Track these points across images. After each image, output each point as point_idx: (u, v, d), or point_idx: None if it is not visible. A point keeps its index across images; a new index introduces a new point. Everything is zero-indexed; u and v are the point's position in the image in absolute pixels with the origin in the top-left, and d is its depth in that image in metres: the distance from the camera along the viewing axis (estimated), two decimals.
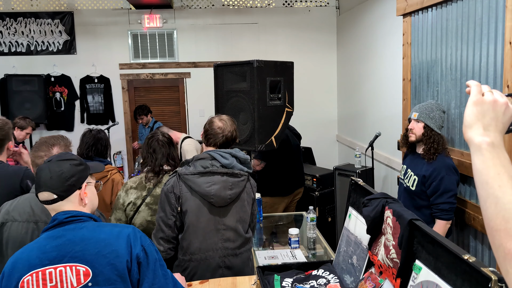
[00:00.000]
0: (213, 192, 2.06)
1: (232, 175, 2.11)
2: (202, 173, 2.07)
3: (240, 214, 2.16)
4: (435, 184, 2.43)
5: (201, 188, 2.05)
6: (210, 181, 2.06)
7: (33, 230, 1.80)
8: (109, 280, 1.36)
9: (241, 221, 2.16)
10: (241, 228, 2.16)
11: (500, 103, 0.83)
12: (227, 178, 2.09)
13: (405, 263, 1.32)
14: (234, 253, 2.14)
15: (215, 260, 2.10)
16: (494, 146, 0.79)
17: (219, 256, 2.11)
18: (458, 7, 2.57)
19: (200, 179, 2.07)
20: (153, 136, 2.42)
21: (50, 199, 1.43)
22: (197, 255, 2.08)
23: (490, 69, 2.32)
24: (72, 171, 1.47)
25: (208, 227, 2.09)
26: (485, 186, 0.77)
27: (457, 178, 2.44)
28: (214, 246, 2.10)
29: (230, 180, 2.10)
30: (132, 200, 2.31)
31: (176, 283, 1.53)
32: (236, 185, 2.11)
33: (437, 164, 2.44)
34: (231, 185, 2.10)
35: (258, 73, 2.92)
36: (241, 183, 2.14)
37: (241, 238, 2.16)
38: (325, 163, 5.26)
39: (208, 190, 2.05)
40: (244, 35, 5.86)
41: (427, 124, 2.49)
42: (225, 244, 2.12)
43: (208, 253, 2.09)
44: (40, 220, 1.81)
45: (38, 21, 5.63)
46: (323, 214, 4.34)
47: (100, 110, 5.87)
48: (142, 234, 1.48)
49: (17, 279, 1.34)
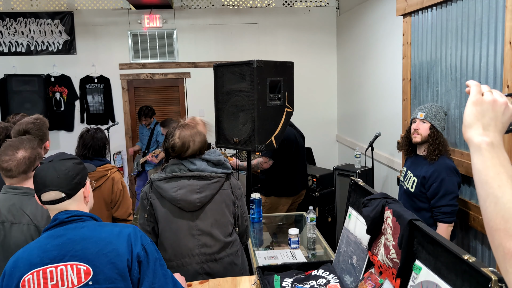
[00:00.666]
0: (178, 197, 2.02)
1: (200, 178, 2.05)
2: (168, 178, 2.05)
3: (216, 217, 2.10)
4: (435, 186, 2.40)
5: (168, 194, 2.03)
6: (176, 186, 2.03)
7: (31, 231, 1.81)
8: (110, 279, 1.36)
9: (217, 225, 2.10)
10: (218, 232, 2.09)
11: (499, 103, 0.83)
12: (194, 181, 2.04)
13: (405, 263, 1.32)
14: (213, 258, 2.09)
15: (193, 266, 2.06)
16: (494, 146, 0.79)
17: (196, 262, 2.06)
18: (458, 7, 2.57)
19: (167, 184, 2.04)
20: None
21: (57, 198, 1.43)
22: (173, 261, 2.05)
23: (490, 69, 2.32)
24: (77, 170, 1.49)
25: (181, 233, 2.06)
26: (485, 185, 0.77)
27: (458, 179, 2.41)
28: (190, 252, 2.06)
29: (198, 183, 2.05)
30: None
31: (176, 283, 1.53)
32: (205, 188, 2.06)
33: (437, 165, 2.41)
34: (199, 189, 2.05)
35: (258, 73, 2.92)
36: (213, 185, 2.07)
37: (219, 243, 2.09)
38: (325, 163, 5.26)
39: (174, 195, 2.02)
40: (244, 35, 5.86)
41: (433, 125, 2.47)
42: (202, 249, 2.07)
43: (184, 260, 2.06)
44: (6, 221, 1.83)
45: (38, 21, 5.63)
46: (323, 214, 4.34)
47: (100, 110, 5.87)
48: (143, 234, 1.49)
49: (18, 278, 1.35)
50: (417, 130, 2.52)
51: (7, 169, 1.84)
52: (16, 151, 1.88)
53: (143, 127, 5.46)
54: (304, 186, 3.97)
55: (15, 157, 1.86)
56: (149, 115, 5.36)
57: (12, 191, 1.87)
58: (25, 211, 1.83)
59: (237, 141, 3.12)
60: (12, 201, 1.85)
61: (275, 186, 3.72)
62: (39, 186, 1.44)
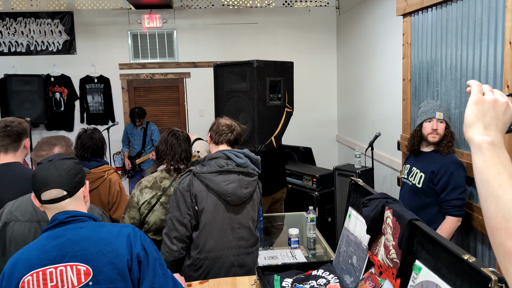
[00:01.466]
0: (230, 191, 2.09)
1: (247, 174, 2.15)
2: (219, 172, 2.10)
3: (251, 213, 2.20)
4: (445, 180, 2.43)
5: (219, 187, 2.08)
6: (227, 180, 2.10)
7: (36, 229, 1.81)
8: (110, 279, 1.36)
9: (252, 220, 2.20)
10: (253, 227, 2.21)
11: (500, 102, 0.83)
12: (242, 177, 2.13)
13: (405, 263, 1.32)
14: (247, 251, 2.18)
15: (229, 258, 2.13)
16: (495, 145, 0.79)
17: (233, 255, 2.14)
18: (458, 7, 2.57)
19: (218, 177, 2.09)
20: (172, 132, 2.41)
21: (59, 196, 1.42)
22: (212, 253, 2.11)
23: (490, 69, 2.32)
24: (77, 169, 1.50)
25: (224, 226, 2.12)
26: (486, 185, 0.77)
27: (465, 174, 2.45)
28: (229, 244, 2.13)
29: (246, 179, 2.14)
30: (147, 199, 2.32)
31: (176, 282, 1.53)
32: (250, 184, 2.16)
33: (445, 160, 2.45)
34: (246, 184, 2.14)
35: (258, 73, 2.92)
36: (253, 182, 2.18)
37: (254, 237, 2.20)
38: (325, 163, 5.26)
39: (225, 189, 2.08)
40: (244, 35, 5.86)
41: (448, 124, 2.53)
42: (239, 242, 2.15)
43: (223, 251, 2.12)
44: (42, 220, 1.82)
45: (38, 21, 5.63)
46: (323, 214, 4.34)
47: (100, 110, 5.87)
48: (142, 234, 1.49)
49: (18, 279, 1.34)
50: (436, 130, 2.51)
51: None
52: (53, 147, 1.92)
53: (134, 128, 5.44)
54: (282, 185, 3.88)
55: (52, 153, 1.88)
56: (142, 116, 5.36)
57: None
58: None
59: None
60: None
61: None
62: (39, 185, 1.43)
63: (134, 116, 5.35)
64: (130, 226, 1.49)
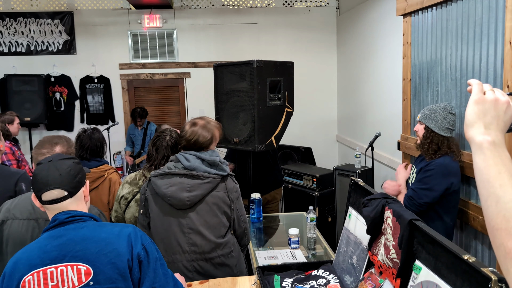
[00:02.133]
0: (169, 194, 2.04)
1: (192, 176, 2.06)
2: (162, 175, 2.08)
3: (207, 218, 2.09)
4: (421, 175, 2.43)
5: (160, 190, 2.06)
6: (168, 183, 2.06)
7: (34, 228, 1.81)
8: (110, 279, 1.36)
9: (208, 226, 2.09)
10: (208, 232, 2.09)
11: (501, 101, 0.83)
12: (185, 179, 2.06)
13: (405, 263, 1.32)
14: (204, 257, 2.09)
15: (183, 263, 2.07)
16: (495, 145, 0.79)
17: (187, 260, 2.07)
18: (458, 7, 2.57)
19: (160, 180, 2.07)
20: (160, 135, 2.39)
21: (60, 197, 1.42)
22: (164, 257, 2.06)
23: (490, 69, 2.32)
24: (77, 169, 1.49)
25: (171, 229, 2.07)
26: (486, 185, 0.77)
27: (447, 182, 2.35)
28: (181, 249, 2.07)
29: (189, 182, 2.05)
30: (124, 195, 2.34)
31: (176, 282, 1.53)
32: (196, 187, 2.05)
33: (436, 160, 2.41)
34: (189, 187, 2.05)
35: (258, 73, 2.92)
36: (204, 185, 2.06)
37: (210, 243, 2.08)
38: (325, 163, 5.26)
39: (165, 192, 2.05)
40: (244, 35, 5.86)
41: (427, 126, 2.48)
42: (192, 247, 2.08)
43: (175, 256, 2.07)
44: (40, 218, 1.82)
45: (38, 21, 5.63)
46: (323, 214, 4.34)
47: (100, 110, 5.87)
48: (143, 233, 1.49)
49: (18, 279, 1.34)
50: (416, 132, 2.54)
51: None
52: (54, 146, 1.91)
53: (135, 128, 5.45)
54: (276, 185, 3.80)
55: (53, 151, 1.88)
56: (144, 116, 5.38)
57: None
58: None
59: (237, 141, 3.12)
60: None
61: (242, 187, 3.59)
62: (40, 185, 1.42)
63: (135, 116, 5.36)
64: (131, 226, 1.49)
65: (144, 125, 5.43)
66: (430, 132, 2.45)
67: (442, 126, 2.43)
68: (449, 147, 2.42)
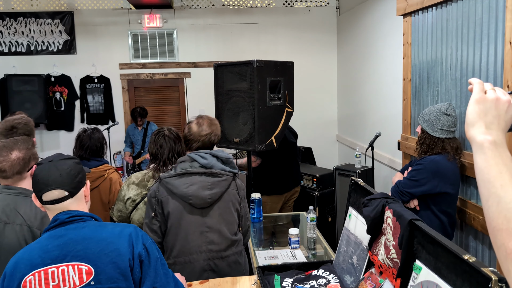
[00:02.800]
0: (190, 193, 2.04)
1: (211, 174, 2.08)
2: (180, 175, 2.07)
3: (224, 215, 2.12)
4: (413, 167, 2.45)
5: (179, 190, 2.04)
6: (188, 182, 2.05)
7: None
8: (112, 279, 1.36)
9: (225, 223, 2.12)
10: (226, 230, 2.11)
11: (502, 101, 0.82)
12: (205, 177, 2.07)
13: (405, 263, 1.32)
14: (220, 256, 2.10)
15: (200, 263, 2.07)
16: (497, 144, 0.79)
17: (203, 259, 2.07)
18: (458, 7, 2.57)
19: (178, 180, 2.06)
20: (159, 132, 2.40)
21: (61, 197, 1.42)
22: (180, 258, 2.06)
23: (490, 69, 2.32)
24: (78, 169, 1.49)
25: (190, 229, 2.07)
26: (487, 185, 0.76)
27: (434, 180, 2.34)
28: (198, 248, 2.07)
29: (209, 180, 2.07)
30: (131, 197, 2.32)
31: (177, 282, 1.53)
32: (216, 185, 2.08)
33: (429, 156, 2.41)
34: (210, 185, 2.07)
35: (258, 73, 2.92)
36: (222, 183, 2.10)
37: (226, 240, 2.11)
38: (325, 163, 5.26)
39: (185, 191, 2.04)
40: (244, 35, 5.86)
41: (422, 127, 2.50)
42: (209, 246, 2.08)
43: (192, 256, 2.07)
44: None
45: (38, 21, 5.63)
46: (323, 214, 4.34)
47: (100, 110, 5.87)
48: (144, 233, 1.49)
49: (19, 279, 1.34)
50: (417, 133, 2.57)
51: (1, 169, 1.84)
52: (10, 152, 1.87)
53: (135, 129, 5.44)
54: (297, 183, 3.92)
55: (9, 158, 1.85)
56: (144, 115, 5.37)
57: (7, 191, 1.86)
58: (19, 212, 1.82)
59: (237, 141, 3.12)
60: (6, 201, 1.84)
61: (265, 185, 3.67)
62: (40, 185, 1.42)
63: (135, 115, 5.35)
64: (132, 226, 1.49)
65: (144, 125, 5.42)
66: (424, 133, 2.47)
67: (435, 127, 2.42)
68: (444, 148, 2.40)
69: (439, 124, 2.41)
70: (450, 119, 2.41)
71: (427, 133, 2.45)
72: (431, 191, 2.36)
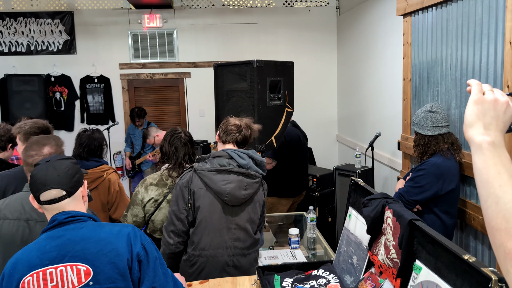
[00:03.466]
0: (228, 191, 2.07)
1: (248, 175, 2.12)
2: (219, 171, 2.09)
3: (251, 215, 2.18)
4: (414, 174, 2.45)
5: (217, 186, 2.07)
6: (226, 179, 2.08)
7: (24, 228, 1.80)
8: (110, 279, 1.36)
9: (251, 222, 2.18)
10: (250, 229, 2.17)
11: (501, 102, 0.83)
12: (242, 178, 2.11)
13: (405, 263, 1.32)
14: (243, 253, 2.15)
15: (224, 258, 2.12)
16: (495, 145, 0.79)
17: (228, 255, 2.12)
18: (458, 7, 2.57)
19: (216, 176, 2.09)
20: (175, 133, 2.41)
21: (58, 197, 1.42)
22: (206, 251, 2.10)
23: (490, 69, 2.32)
24: (75, 169, 1.49)
25: (220, 225, 2.11)
26: (486, 185, 0.77)
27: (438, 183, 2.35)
28: (224, 244, 2.12)
29: (246, 180, 2.11)
30: (154, 197, 2.32)
31: (176, 282, 1.53)
32: (250, 186, 2.13)
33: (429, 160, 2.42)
34: (246, 186, 2.11)
35: (258, 73, 2.92)
36: (255, 184, 2.15)
37: (251, 239, 2.18)
38: (325, 163, 5.26)
39: (223, 188, 2.07)
40: (244, 35, 5.86)
41: (415, 131, 2.53)
42: (235, 243, 2.13)
43: (218, 251, 2.11)
44: (30, 218, 1.81)
45: (38, 21, 5.63)
46: (323, 214, 4.34)
47: (100, 110, 5.87)
48: (142, 233, 1.49)
49: (18, 280, 1.34)
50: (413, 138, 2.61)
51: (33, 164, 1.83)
52: (42, 147, 1.89)
53: (135, 129, 5.44)
54: (305, 187, 3.98)
55: (41, 153, 1.87)
56: (142, 116, 5.36)
57: None
58: None
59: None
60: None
61: (277, 187, 3.72)
62: (38, 185, 1.42)
63: (133, 116, 5.35)
64: (130, 226, 1.49)
65: (145, 126, 5.42)
66: (418, 135, 2.51)
67: (426, 127, 2.45)
68: (438, 145, 2.42)
69: (428, 122, 2.44)
70: (437, 115, 2.44)
71: (420, 135, 2.49)
72: (437, 194, 2.37)
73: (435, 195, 2.37)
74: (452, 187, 2.38)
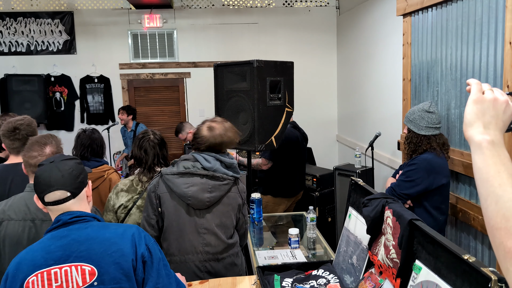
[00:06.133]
0: (190, 194, 2.03)
1: (213, 178, 2.07)
2: (181, 174, 2.06)
3: (222, 219, 2.11)
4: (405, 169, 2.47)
5: (179, 189, 2.04)
6: (188, 182, 2.04)
7: (30, 228, 1.80)
8: (115, 279, 1.35)
9: (222, 226, 2.11)
10: (221, 233, 2.11)
11: (500, 101, 0.83)
12: (207, 180, 2.05)
13: (405, 263, 1.32)
14: (216, 258, 2.10)
15: (195, 263, 2.07)
16: (495, 144, 0.79)
17: (199, 260, 2.07)
18: (458, 7, 2.57)
19: (179, 179, 2.05)
20: (144, 136, 2.36)
21: (63, 198, 1.42)
22: (176, 256, 2.06)
23: (490, 69, 2.32)
24: (79, 169, 1.49)
25: (187, 229, 2.06)
26: (486, 184, 0.77)
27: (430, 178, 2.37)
28: (194, 249, 2.07)
29: (210, 182, 2.06)
30: (123, 203, 2.28)
31: (179, 283, 1.53)
32: (216, 188, 2.07)
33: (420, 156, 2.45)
34: (210, 188, 2.05)
35: (258, 73, 2.92)
36: (223, 187, 2.09)
37: (223, 244, 2.11)
38: (325, 163, 5.26)
39: (185, 191, 2.03)
40: (244, 35, 5.86)
41: (408, 127, 2.53)
42: (206, 248, 2.08)
43: (188, 256, 2.07)
44: (36, 218, 1.81)
45: (38, 21, 5.63)
46: (323, 214, 4.34)
47: (100, 110, 5.87)
48: (146, 234, 1.49)
49: (22, 280, 1.34)
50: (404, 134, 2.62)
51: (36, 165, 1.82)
52: (44, 147, 1.88)
53: (125, 131, 5.40)
54: (302, 187, 3.99)
55: (44, 153, 1.86)
56: (125, 110, 5.23)
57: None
58: None
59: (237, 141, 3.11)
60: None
61: (273, 186, 3.72)
62: (42, 187, 1.42)
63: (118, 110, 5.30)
64: (135, 227, 1.49)
65: (133, 127, 5.35)
66: (410, 132, 2.51)
67: (420, 126, 2.47)
68: (430, 145, 2.45)
69: (423, 122, 2.46)
70: (433, 116, 2.46)
71: (413, 132, 2.49)
72: (428, 188, 2.39)
73: (426, 190, 2.40)
74: (443, 182, 2.41)
